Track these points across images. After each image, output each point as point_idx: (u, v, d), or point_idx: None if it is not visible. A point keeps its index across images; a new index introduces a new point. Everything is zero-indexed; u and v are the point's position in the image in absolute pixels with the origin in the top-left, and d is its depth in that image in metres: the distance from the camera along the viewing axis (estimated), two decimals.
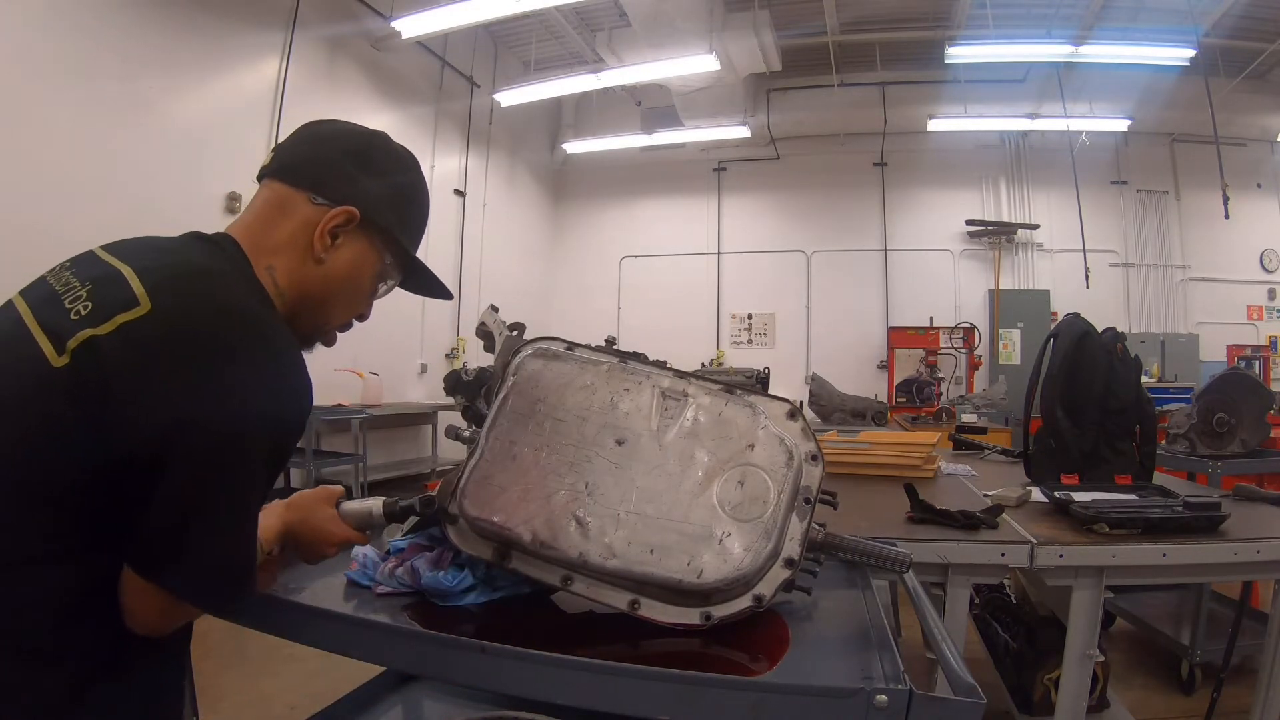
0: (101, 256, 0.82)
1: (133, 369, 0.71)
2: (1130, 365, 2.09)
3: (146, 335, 0.73)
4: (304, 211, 0.89)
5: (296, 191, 0.89)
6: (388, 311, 4.80)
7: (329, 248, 0.89)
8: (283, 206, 0.89)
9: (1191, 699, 2.62)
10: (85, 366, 0.71)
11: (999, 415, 6.32)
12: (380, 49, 5.98)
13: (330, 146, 0.93)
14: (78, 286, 0.77)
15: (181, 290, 0.77)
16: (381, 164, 0.95)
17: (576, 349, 1.12)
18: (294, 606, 0.97)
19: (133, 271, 0.77)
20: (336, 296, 0.93)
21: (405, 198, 0.97)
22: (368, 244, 0.93)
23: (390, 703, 1.57)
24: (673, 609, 0.87)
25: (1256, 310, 7.94)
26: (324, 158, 0.91)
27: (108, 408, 0.70)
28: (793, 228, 8.79)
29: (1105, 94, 7.08)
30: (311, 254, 0.89)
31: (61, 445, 0.70)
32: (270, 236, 0.88)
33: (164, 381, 0.71)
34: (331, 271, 0.91)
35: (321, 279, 0.90)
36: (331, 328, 0.97)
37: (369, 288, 0.97)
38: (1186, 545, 1.43)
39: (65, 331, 0.73)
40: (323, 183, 0.90)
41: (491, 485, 0.96)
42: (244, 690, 2.63)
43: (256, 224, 0.89)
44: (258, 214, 0.90)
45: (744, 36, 6.36)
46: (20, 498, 0.70)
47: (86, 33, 3.86)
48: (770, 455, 0.95)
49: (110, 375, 0.71)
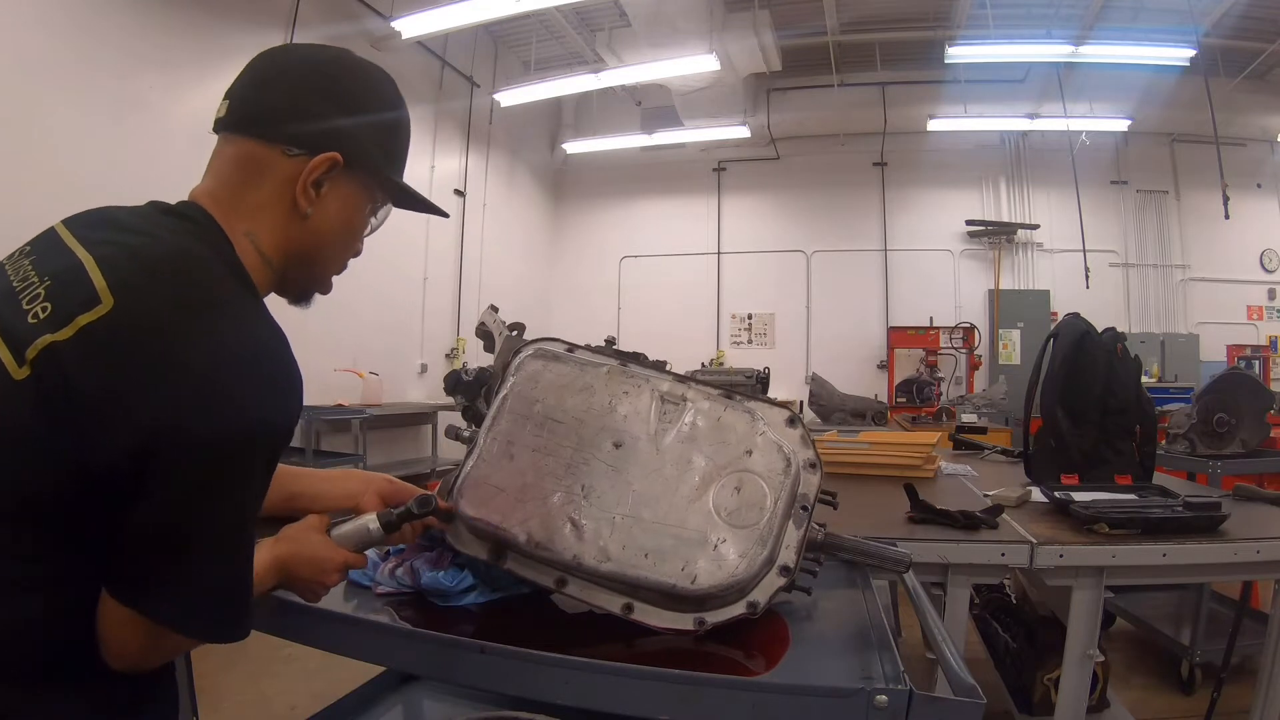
0: (63, 239, 0.75)
1: (99, 376, 0.65)
2: (1130, 365, 2.09)
3: (111, 337, 0.66)
4: (281, 167, 0.80)
5: (268, 147, 0.79)
6: (388, 311, 4.83)
7: (314, 200, 0.81)
8: (255, 165, 0.80)
9: (1191, 699, 2.62)
10: (48, 377, 0.65)
11: (999, 415, 6.32)
12: (380, 49, 5.98)
13: (296, 87, 0.82)
14: (36, 283, 0.70)
15: (147, 282, 0.69)
16: (355, 94, 0.85)
17: (576, 350, 1.12)
18: (294, 606, 0.96)
19: (93, 261, 0.70)
20: (329, 247, 0.86)
21: (387, 127, 0.88)
22: (355, 186, 0.85)
23: (390, 703, 1.57)
24: (666, 614, 0.87)
25: (1256, 310, 7.93)
26: (292, 102, 0.81)
27: (77, 420, 0.64)
28: (793, 228, 8.79)
29: (1105, 94, 7.07)
30: (296, 212, 0.81)
31: (31, 462, 0.65)
32: (245, 200, 0.79)
33: (135, 388, 0.65)
34: (320, 224, 0.83)
35: (311, 234, 0.83)
36: (328, 278, 0.91)
37: (361, 228, 0.90)
38: (1186, 545, 1.43)
39: (24, 339, 0.67)
40: (297, 132, 0.80)
41: (488, 485, 0.96)
42: (244, 690, 2.63)
43: (226, 188, 0.80)
44: (226, 176, 0.80)
45: (744, 36, 6.36)
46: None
47: (86, 32, 3.86)
48: (768, 462, 0.95)
49: (75, 385, 0.65)
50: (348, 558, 0.90)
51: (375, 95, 0.88)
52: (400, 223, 4.44)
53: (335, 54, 0.86)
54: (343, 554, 0.90)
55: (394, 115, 0.90)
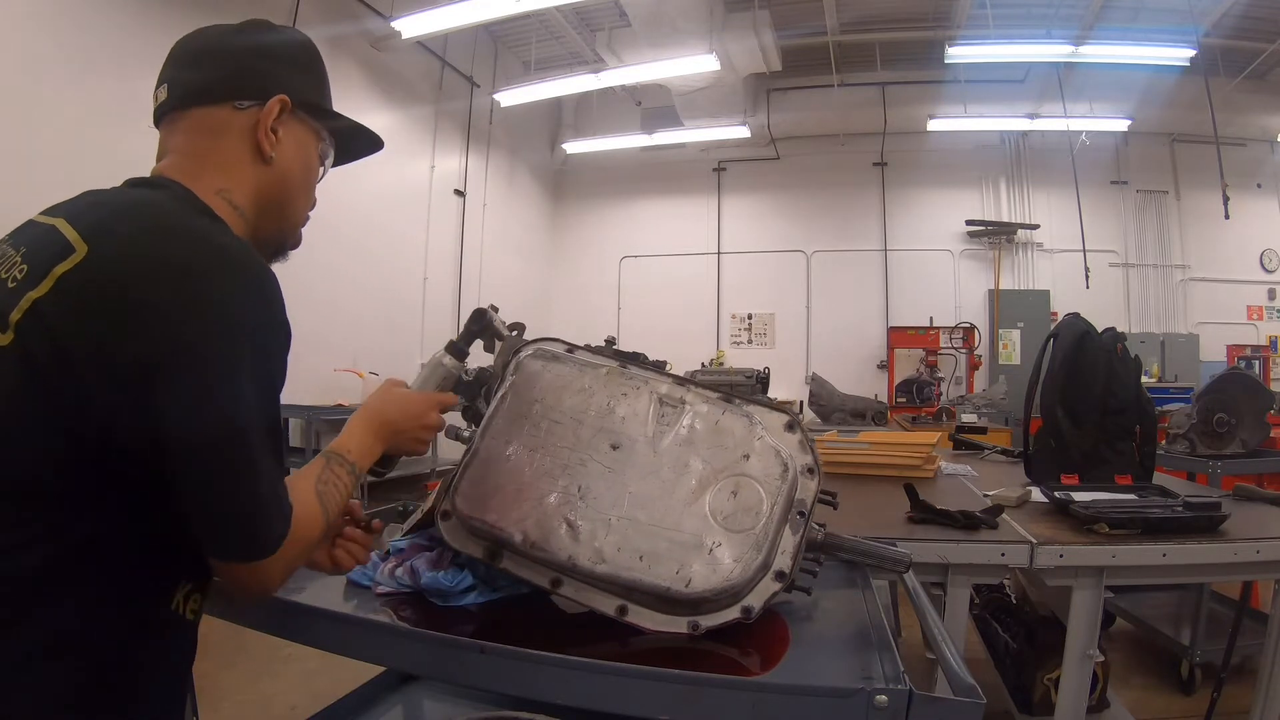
0: (38, 219, 0.77)
1: (82, 320, 0.66)
2: (1130, 365, 2.09)
3: (87, 279, 0.67)
4: (235, 122, 0.84)
5: (217, 108, 0.84)
6: (388, 311, 4.83)
7: (275, 144, 0.86)
8: (210, 127, 0.84)
9: (1191, 699, 2.62)
10: (32, 335, 0.66)
11: (999, 415, 6.32)
12: (380, 49, 5.99)
13: (226, 51, 0.87)
14: (12, 254, 0.72)
15: (118, 224, 0.71)
16: (278, 45, 0.91)
17: (576, 351, 1.12)
18: (294, 606, 0.97)
19: (64, 221, 0.72)
20: (295, 189, 0.91)
21: (307, 64, 0.93)
22: (303, 126, 0.91)
23: (390, 703, 1.57)
24: (660, 617, 0.87)
25: (1256, 310, 7.93)
26: (228, 65, 0.86)
27: (67, 374, 0.65)
28: (793, 228, 8.79)
29: (1105, 94, 7.07)
30: (260, 158, 0.85)
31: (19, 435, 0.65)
32: (209, 160, 0.83)
33: (119, 323, 0.66)
34: (284, 167, 0.88)
35: (278, 178, 0.88)
36: (298, 225, 0.94)
37: (315, 168, 0.94)
38: (1186, 545, 1.43)
39: (5, 306, 0.68)
40: (240, 87, 0.85)
41: (485, 484, 0.96)
42: (244, 690, 2.63)
43: (188, 157, 0.83)
44: (184, 147, 0.84)
45: (744, 36, 6.36)
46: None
47: (87, 32, 3.87)
48: (765, 466, 0.95)
49: (61, 335, 0.66)
50: (439, 396, 1.00)
51: (293, 42, 0.94)
52: (400, 222, 4.51)
53: (246, 22, 0.92)
54: (430, 394, 0.99)
55: (307, 50, 0.95)
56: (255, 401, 0.71)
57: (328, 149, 0.96)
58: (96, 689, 0.69)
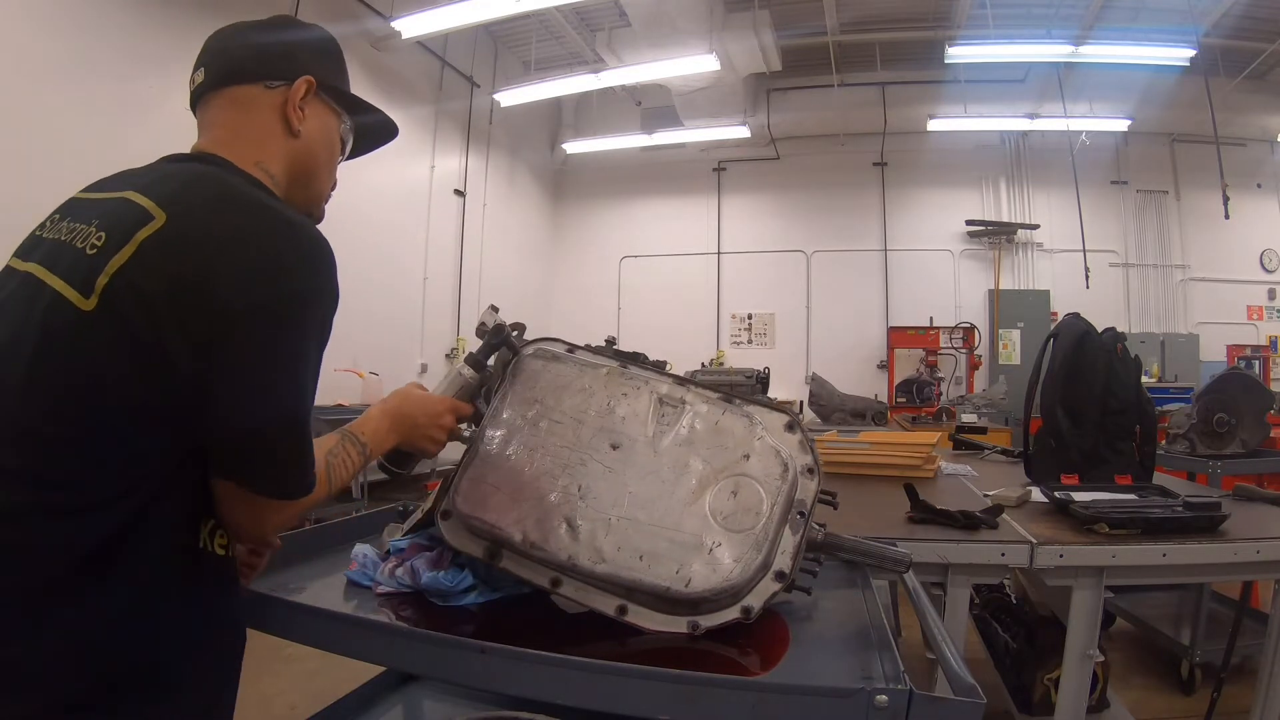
0: (92, 196, 0.83)
1: (166, 279, 0.71)
2: (1130, 365, 2.09)
3: (169, 243, 0.73)
4: (266, 99, 0.91)
5: (250, 87, 0.91)
6: (388, 311, 4.83)
7: (303, 120, 0.93)
8: (244, 105, 0.91)
9: (1191, 699, 2.62)
10: (120, 298, 0.71)
11: (999, 415, 6.32)
12: (380, 49, 5.98)
13: (256, 37, 0.95)
14: (85, 228, 0.77)
15: (189, 195, 0.77)
16: (301, 33, 0.99)
17: (576, 351, 1.12)
18: (294, 606, 0.97)
19: (135, 192, 0.78)
20: (320, 164, 0.98)
21: (331, 53, 1.01)
22: (326, 106, 0.98)
23: (390, 703, 1.57)
24: (660, 617, 0.87)
25: (1256, 310, 7.93)
26: (258, 48, 0.94)
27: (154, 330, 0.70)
28: (793, 228, 8.78)
29: (1105, 94, 7.07)
30: (290, 131, 0.92)
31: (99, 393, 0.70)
32: (245, 136, 0.90)
33: (200, 282, 0.71)
34: (310, 141, 0.95)
35: (305, 152, 0.94)
36: (322, 200, 1.01)
37: (337, 145, 1.01)
38: (1186, 545, 1.43)
39: (89, 271, 0.72)
40: (270, 69, 0.92)
41: (485, 484, 0.96)
42: (244, 690, 2.62)
43: (225, 131, 0.90)
44: (221, 122, 0.91)
45: (744, 36, 6.35)
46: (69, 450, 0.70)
47: (87, 32, 3.86)
48: (765, 466, 0.95)
49: (147, 295, 0.71)
50: (453, 402, 1.06)
51: (318, 33, 1.02)
52: (401, 222, 4.52)
53: (274, 17, 1.00)
54: (448, 399, 1.05)
55: (329, 41, 1.03)
56: (307, 362, 0.78)
57: (348, 132, 1.03)
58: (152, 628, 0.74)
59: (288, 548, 1.16)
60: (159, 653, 0.75)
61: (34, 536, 0.68)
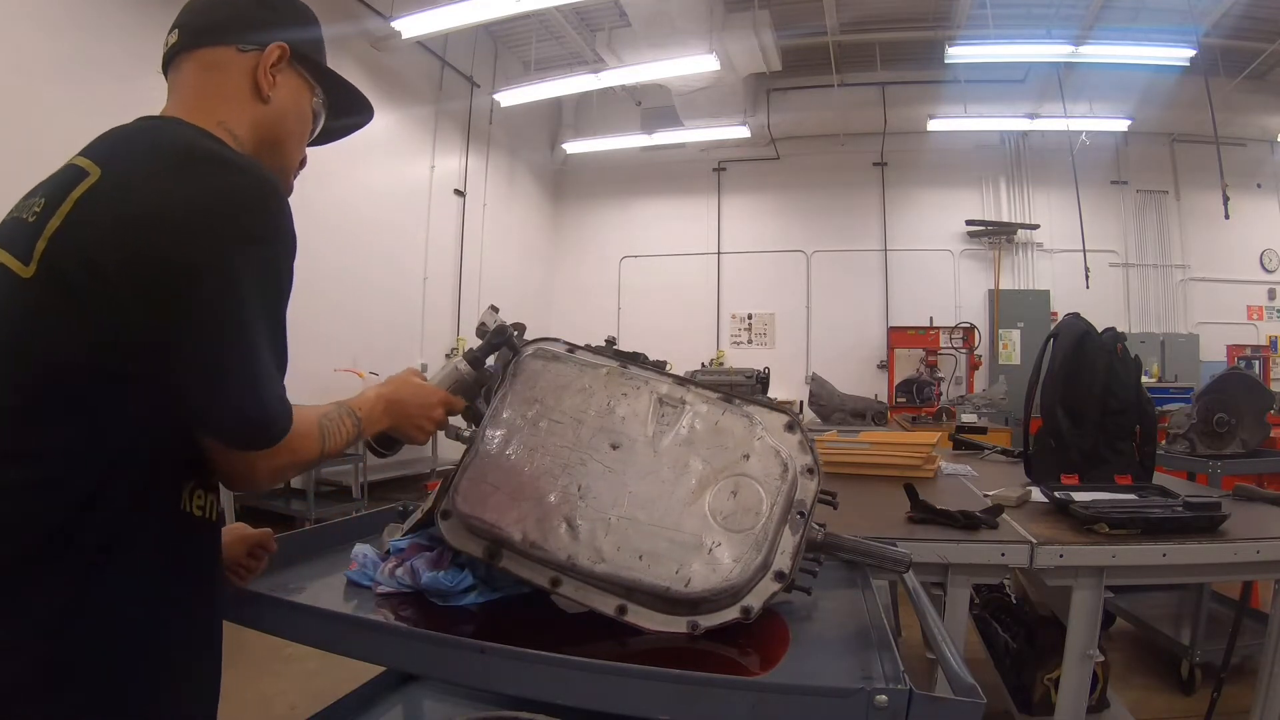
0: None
1: (104, 233, 0.70)
2: (1130, 365, 2.09)
3: (105, 195, 0.72)
4: (238, 62, 0.89)
5: (223, 48, 0.89)
6: (388, 311, 4.81)
7: (273, 85, 0.91)
8: (215, 66, 0.89)
9: (1191, 699, 2.62)
10: (60, 257, 0.70)
11: (999, 415, 6.32)
12: (380, 49, 5.98)
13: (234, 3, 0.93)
14: (32, 200, 0.77)
15: (129, 148, 0.77)
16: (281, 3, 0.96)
17: (576, 351, 1.12)
18: (294, 606, 0.97)
19: (79, 155, 0.78)
20: (289, 133, 0.95)
21: (307, 24, 0.99)
22: (299, 77, 0.95)
23: (390, 703, 1.57)
24: (660, 616, 0.87)
25: (1256, 310, 7.93)
26: (235, 13, 0.92)
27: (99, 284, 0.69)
28: (793, 228, 8.79)
29: (1105, 94, 7.07)
30: (259, 96, 0.90)
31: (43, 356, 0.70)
32: (213, 96, 0.88)
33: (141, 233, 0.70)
34: (279, 109, 0.92)
35: (274, 118, 0.92)
36: (289, 171, 0.98)
37: (308, 117, 0.98)
38: (1186, 545, 1.43)
39: (28, 239, 0.72)
40: (244, 31, 0.90)
41: (485, 484, 0.96)
42: (244, 690, 2.63)
43: (192, 93, 0.88)
44: (189, 84, 0.89)
45: (744, 36, 6.35)
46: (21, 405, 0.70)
47: (87, 32, 3.87)
48: (765, 467, 0.95)
49: (88, 249, 0.70)
50: (447, 396, 1.04)
51: (295, 3, 0.99)
52: (400, 222, 4.51)
53: None
54: (441, 392, 1.04)
55: (308, 13, 1.00)
56: (261, 306, 0.75)
57: (321, 107, 1.01)
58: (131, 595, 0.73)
59: (288, 548, 1.16)
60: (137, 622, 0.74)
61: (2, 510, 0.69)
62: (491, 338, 1.08)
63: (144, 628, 0.75)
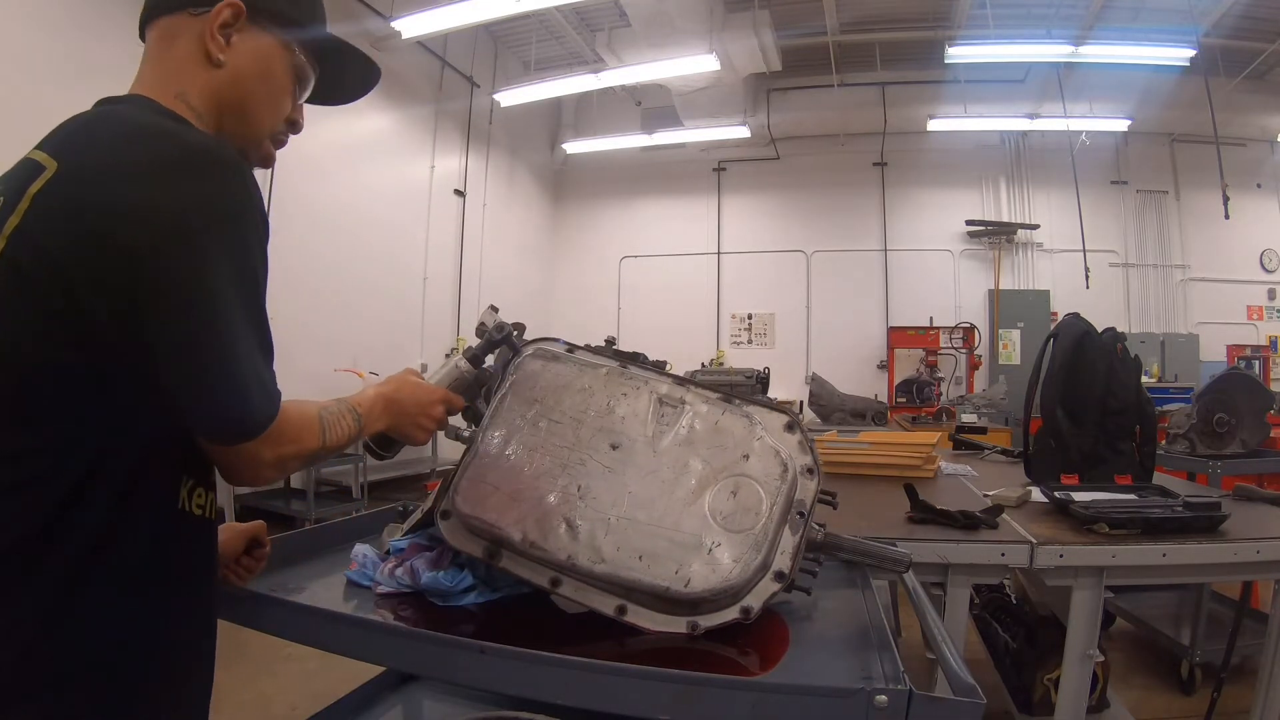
0: None
1: (62, 229, 0.68)
2: (1130, 365, 2.09)
3: (62, 190, 0.70)
4: (190, 27, 0.84)
5: (176, 16, 0.85)
6: (388, 311, 4.81)
7: (224, 48, 0.85)
8: (169, 36, 0.85)
9: (1191, 699, 2.62)
10: (19, 255, 0.69)
11: (999, 415, 6.32)
12: (380, 49, 5.98)
13: None
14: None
15: (85, 137, 0.74)
16: None
17: (576, 351, 1.12)
18: (294, 606, 0.97)
19: (37, 149, 0.76)
20: (253, 97, 0.88)
21: None
22: (267, 36, 0.88)
23: (390, 703, 1.57)
24: (660, 617, 0.87)
25: (1256, 310, 7.94)
26: None
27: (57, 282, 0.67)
28: (793, 228, 8.79)
29: (1105, 94, 7.07)
30: (210, 61, 0.84)
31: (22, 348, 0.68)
32: (169, 66, 0.84)
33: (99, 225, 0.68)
34: (237, 72, 0.86)
35: (230, 81, 0.86)
36: (260, 139, 0.92)
37: (285, 83, 0.92)
38: (1186, 545, 1.43)
39: None
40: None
41: (485, 484, 0.96)
42: (244, 690, 2.63)
43: (153, 66, 0.85)
44: (152, 57, 0.86)
45: (744, 36, 6.36)
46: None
47: (87, 32, 3.87)
48: (765, 467, 0.95)
49: (47, 248, 0.68)
50: (446, 394, 1.04)
51: None
52: (400, 222, 4.51)
53: None
54: (441, 390, 1.04)
55: None
56: (233, 289, 0.72)
57: (306, 68, 0.94)
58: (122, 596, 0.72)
59: (287, 548, 1.16)
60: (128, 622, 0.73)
61: None
62: (490, 337, 1.08)
63: (135, 628, 0.74)
